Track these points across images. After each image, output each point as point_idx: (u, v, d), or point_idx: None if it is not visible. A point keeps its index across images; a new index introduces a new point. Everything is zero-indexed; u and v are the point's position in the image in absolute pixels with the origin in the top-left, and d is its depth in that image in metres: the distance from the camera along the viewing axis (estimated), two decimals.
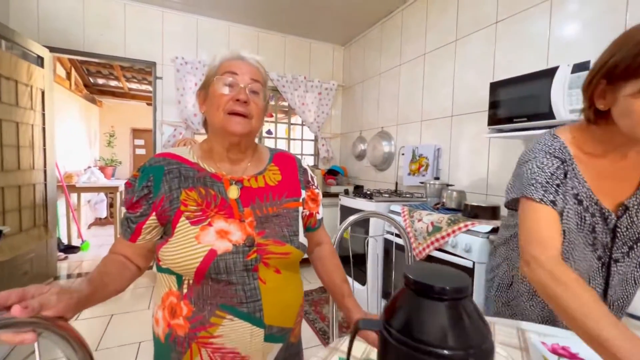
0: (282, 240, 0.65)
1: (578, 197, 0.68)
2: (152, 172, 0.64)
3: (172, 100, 2.99)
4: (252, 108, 0.66)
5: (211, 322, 0.59)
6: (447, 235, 1.55)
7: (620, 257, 0.71)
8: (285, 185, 0.73)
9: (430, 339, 0.24)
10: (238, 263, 0.60)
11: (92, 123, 5.26)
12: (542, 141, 0.72)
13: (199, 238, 0.60)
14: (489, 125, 1.61)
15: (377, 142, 2.98)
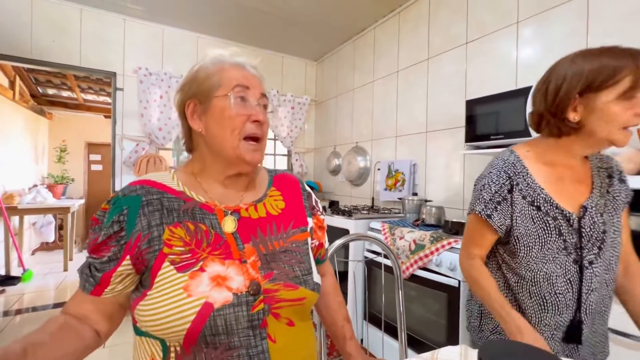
0: (295, 283, 0.53)
1: (535, 204, 0.74)
2: (126, 203, 0.51)
3: (134, 113, 2.78)
4: (264, 129, 0.57)
5: None
6: (431, 254, 1.52)
7: (593, 258, 0.72)
8: (290, 213, 0.61)
9: None
10: (241, 318, 0.48)
11: (40, 137, 4.78)
12: (499, 157, 0.81)
13: (189, 289, 0.47)
14: (466, 142, 1.64)
15: (352, 157, 2.96)
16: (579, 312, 0.71)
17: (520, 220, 0.74)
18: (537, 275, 0.73)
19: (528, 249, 0.74)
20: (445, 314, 1.45)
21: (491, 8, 1.83)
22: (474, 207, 0.79)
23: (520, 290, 0.77)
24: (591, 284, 0.71)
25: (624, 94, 0.63)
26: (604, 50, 0.67)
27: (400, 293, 1.13)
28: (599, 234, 0.72)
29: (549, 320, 0.73)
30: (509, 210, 0.75)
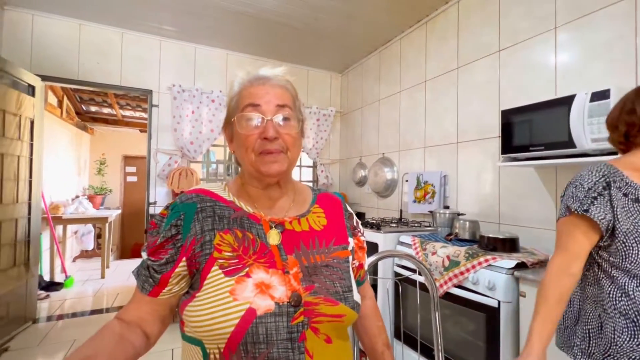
0: (335, 298, 0.53)
1: (638, 199, 0.74)
2: (183, 209, 0.54)
3: (167, 127, 2.91)
4: (285, 140, 0.56)
5: None
6: (467, 271, 1.45)
7: None
8: (333, 230, 0.62)
9: None
10: (281, 329, 0.48)
11: (83, 151, 5.12)
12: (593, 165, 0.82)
13: (235, 293, 0.48)
14: (502, 154, 1.56)
15: (379, 168, 2.92)
16: None
17: (625, 216, 0.73)
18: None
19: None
20: (484, 336, 1.37)
21: (525, 14, 1.76)
22: (569, 205, 0.79)
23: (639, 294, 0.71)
24: None
25: None
26: None
27: (437, 314, 1.08)
28: None
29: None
30: (608, 206, 0.75)
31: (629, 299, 0.72)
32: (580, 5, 1.52)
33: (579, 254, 0.78)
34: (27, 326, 2.44)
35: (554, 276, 0.80)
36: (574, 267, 0.78)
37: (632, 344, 0.71)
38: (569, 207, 0.79)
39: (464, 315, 1.48)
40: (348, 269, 0.59)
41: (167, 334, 0.60)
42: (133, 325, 0.52)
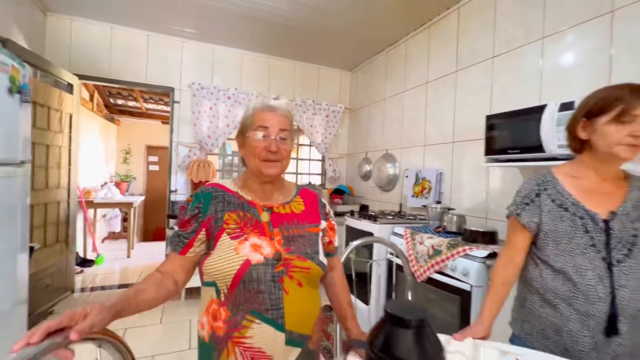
0: (305, 257, 0.77)
1: (563, 206, 0.88)
2: (203, 197, 0.79)
3: (187, 121, 3.18)
4: (282, 152, 0.80)
5: (243, 325, 0.70)
6: (447, 259, 1.63)
7: (622, 258, 0.82)
8: (308, 214, 0.86)
9: (401, 355, 0.35)
10: (267, 274, 0.72)
11: (110, 140, 5.51)
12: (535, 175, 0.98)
13: (237, 249, 0.72)
14: (485, 155, 1.72)
15: (382, 164, 3.09)
16: (613, 306, 0.81)
17: (549, 219, 0.89)
18: (566, 266, 0.86)
19: (556, 243, 0.88)
20: (459, 315, 1.55)
21: (518, 23, 1.88)
22: (508, 207, 0.98)
23: (553, 278, 0.89)
24: (621, 280, 0.81)
25: (615, 119, 0.81)
26: (613, 86, 0.86)
27: (410, 292, 1.28)
28: (630, 237, 0.82)
29: (579, 306, 0.84)
30: (537, 210, 0.91)
31: (541, 279, 0.91)
32: (565, 17, 1.63)
33: (521, 247, 0.96)
34: (66, 295, 2.80)
35: (501, 265, 0.99)
36: (517, 258, 0.97)
37: (539, 312, 0.91)
38: (509, 208, 0.98)
39: (443, 297, 1.67)
40: (317, 240, 0.83)
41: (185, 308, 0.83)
42: (167, 275, 0.75)
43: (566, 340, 0.86)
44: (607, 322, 0.81)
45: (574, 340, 0.85)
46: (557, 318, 0.87)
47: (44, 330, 0.48)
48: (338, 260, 0.95)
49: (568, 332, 0.85)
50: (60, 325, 0.50)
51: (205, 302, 0.77)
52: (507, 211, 0.99)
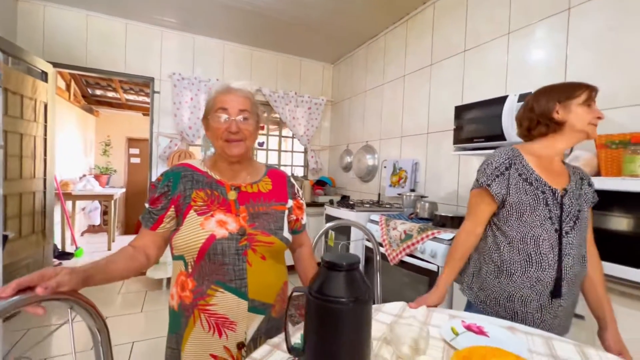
0: (268, 232, 0.81)
1: (528, 180, 0.95)
2: (172, 175, 0.82)
3: (168, 112, 3.16)
4: (244, 132, 0.83)
5: (208, 293, 0.75)
6: (417, 242, 1.72)
7: (569, 229, 0.92)
8: (275, 193, 0.90)
9: (334, 294, 0.41)
10: (232, 247, 0.76)
11: (89, 132, 5.38)
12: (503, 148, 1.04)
13: (203, 225, 0.77)
14: (454, 144, 1.81)
15: (362, 155, 3.17)
16: (559, 271, 0.91)
17: (515, 191, 0.95)
18: (526, 237, 0.94)
19: (520, 214, 0.95)
20: None
21: (487, 19, 1.97)
22: (477, 179, 1.01)
23: (509, 249, 0.96)
24: (567, 249, 0.92)
25: (585, 102, 0.93)
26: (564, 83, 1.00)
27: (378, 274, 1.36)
28: (575, 211, 0.93)
29: (532, 274, 0.93)
30: (505, 183, 0.96)
31: (498, 251, 0.99)
32: (528, 14, 1.73)
33: (483, 219, 1.02)
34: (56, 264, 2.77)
35: (463, 237, 1.05)
36: (478, 229, 1.04)
37: (495, 282, 0.99)
38: (478, 180, 1.02)
39: (413, 279, 1.76)
40: (282, 217, 0.88)
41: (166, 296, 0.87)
42: (139, 249, 0.80)
43: (517, 305, 0.95)
44: (554, 285, 0.91)
45: (523, 304, 0.94)
46: (511, 286, 0.95)
47: (15, 287, 0.52)
48: (307, 237, 1.00)
49: (519, 297, 0.94)
50: (31, 282, 0.54)
51: (175, 274, 0.81)
52: (476, 183, 1.02)
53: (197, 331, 0.76)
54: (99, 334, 0.64)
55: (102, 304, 2.51)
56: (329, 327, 0.40)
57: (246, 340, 0.77)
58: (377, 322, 0.82)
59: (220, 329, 0.75)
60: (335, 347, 0.40)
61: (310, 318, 0.42)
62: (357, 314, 0.41)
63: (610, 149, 1.20)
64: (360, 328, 0.41)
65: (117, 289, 2.93)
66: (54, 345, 1.99)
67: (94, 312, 0.63)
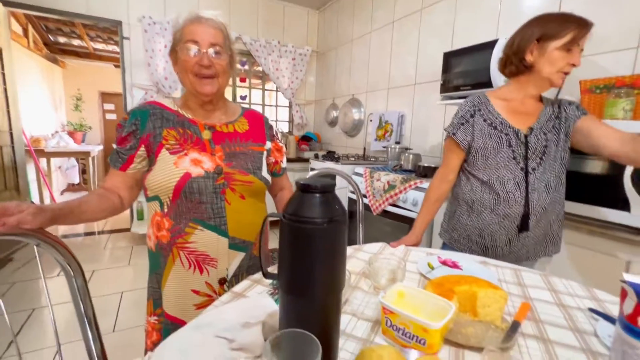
0: (246, 172, 0.79)
1: (493, 125, 0.98)
2: (139, 114, 0.77)
3: (141, 62, 2.93)
4: (216, 68, 0.76)
5: (186, 231, 0.74)
6: (400, 192, 1.75)
7: (536, 166, 0.96)
8: (252, 133, 0.86)
9: (307, 214, 0.40)
10: (208, 186, 0.74)
11: (56, 85, 5.00)
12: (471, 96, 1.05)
13: (177, 164, 0.73)
14: (441, 93, 1.77)
15: (348, 109, 3.09)
16: (526, 207, 0.96)
17: (480, 137, 0.99)
18: (492, 178, 0.99)
19: (485, 158, 0.99)
20: None
21: None
22: (445, 129, 1.07)
23: (479, 190, 1.02)
24: (535, 185, 0.96)
25: (565, 46, 0.87)
26: (560, 14, 0.92)
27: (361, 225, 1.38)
28: (542, 147, 0.96)
29: (499, 211, 0.99)
30: (470, 129, 1.00)
31: (471, 192, 1.04)
32: None
33: (454, 167, 1.08)
34: (24, 244, 2.73)
35: (436, 183, 1.12)
36: (450, 176, 1.09)
37: (467, 220, 1.05)
38: (446, 130, 1.07)
39: (395, 227, 1.82)
40: (260, 158, 0.85)
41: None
42: (110, 190, 0.76)
43: (487, 240, 1.01)
44: (520, 220, 0.96)
45: (493, 239, 1.01)
46: (481, 223, 1.02)
47: None
48: (287, 180, 0.99)
49: (489, 233, 1.01)
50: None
51: (151, 216, 0.79)
52: (446, 133, 1.08)
53: (177, 269, 0.76)
54: (72, 274, 0.62)
55: (89, 260, 2.52)
56: (303, 248, 0.40)
57: (228, 277, 0.78)
58: (358, 260, 0.85)
59: (200, 266, 0.76)
60: (310, 269, 0.40)
61: (284, 241, 0.41)
62: (332, 234, 0.40)
63: (594, 94, 1.19)
64: (335, 250, 0.41)
65: (103, 244, 2.93)
66: (43, 296, 2.01)
67: (65, 251, 0.61)
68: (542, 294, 0.69)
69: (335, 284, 0.42)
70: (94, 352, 0.69)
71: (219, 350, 0.47)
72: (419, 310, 0.52)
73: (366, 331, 0.55)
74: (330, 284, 0.41)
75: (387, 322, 0.51)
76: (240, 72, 3.56)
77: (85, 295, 0.68)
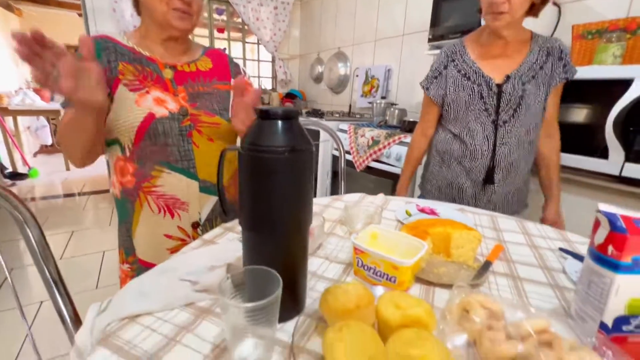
0: (212, 113, 0.74)
1: (466, 75, 0.95)
2: None
3: (105, 8, 2.65)
4: (194, 6, 0.69)
5: (152, 174, 0.70)
6: (384, 147, 1.72)
7: (507, 118, 0.93)
8: (216, 72, 0.80)
9: (267, 143, 0.35)
10: (174, 128, 0.70)
11: None
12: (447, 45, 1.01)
13: (139, 102, 0.67)
14: (429, 42, 1.68)
15: (334, 63, 2.94)
16: (492, 160, 0.95)
17: (453, 90, 0.96)
18: (462, 131, 0.98)
19: (456, 112, 0.98)
20: None
21: None
22: (421, 83, 1.05)
23: (451, 142, 1.01)
24: (504, 139, 0.93)
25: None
26: None
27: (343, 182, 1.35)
28: (517, 98, 0.90)
29: (466, 163, 0.99)
30: (443, 83, 0.98)
31: (444, 143, 1.04)
32: None
33: (431, 121, 1.08)
34: None
35: (416, 139, 1.12)
36: (429, 131, 1.10)
37: (438, 171, 1.06)
38: (421, 84, 1.05)
39: (379, 183, 1.81)
40: (227, 98, 0.79)
41: None
42: None
43: (454, 192, 1.03)
44: (486, 174, 0.96)
45: (459, 191, 1.02)
46: (450, 174, 1.03)
47: None
48: None
49: (456, 185, 1.02)
50: None
51: (112, 162, 0.74)
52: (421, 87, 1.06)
53: (146, 214, 0.72)
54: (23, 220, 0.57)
55: (69, 222, 2.46)
56: (262, 181, 0.36)
57: (201, 220, 0.76)
58: (335, 209, 0.83)
59: (171, 210, 0.72)
60: (271, 203, 0.37)
61: (243, 175, 0.38)
62: (294, 165, 0.37)
63: (585, 40, 1.14)
64: (299, 183, 0.37)
65: (83, 205, 2.86)
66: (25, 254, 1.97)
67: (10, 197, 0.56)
68: (515, 237, 0.70)
69: (300, 220, 0.39)
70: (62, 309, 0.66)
71: (183, 292, 0.45)
72: (392, 250, 0.51)
73: (338, 273, 0.54)
74: (294, 219, 0.38)
75: (359, 262, 0.50)
76: (218, 22, 3.30)
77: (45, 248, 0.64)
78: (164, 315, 0.41)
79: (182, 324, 0.40)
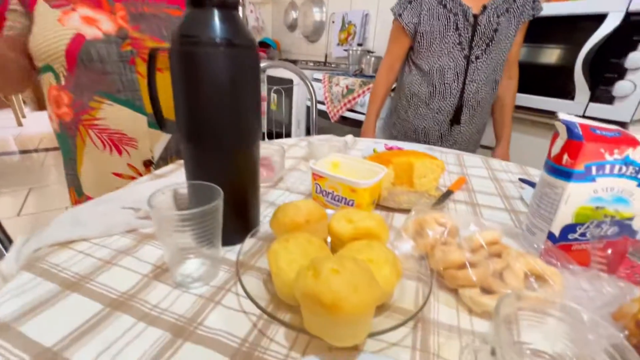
0: (160, 38, 0.65)
1: (442, 3, 0.89)
2: None
3: None
4: None
5: (91, 106, 0.63)
6: (358, 96, 1.67)
7: (480, 54, 0.90)
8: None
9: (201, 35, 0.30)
10: (112, 53, 0.61)
11: None
12: None
13: (62, 21, 0.58)
14: None
15: (308, 8, 2.73)
16: (461, 99, 0.92)
17: (427, 18, 0.90)
18: (432, 68, 0.93)
19: (429, 44, 0.91)
20: None
21: None
22: (392, 9, 0.97)
23: (419, 83, 0.97)
24: (474, 76, 0.91)
25: None
26: None
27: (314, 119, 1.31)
28: (491, 31, 0.87)
29: (434, 104, 0.95)
30: (418, 9, 0.91)
31: (411, 84, 0.99)
32: None
33: (400, 54, 1.01)
34: None
35: (383, 74, 1.05)
36: (396, 65, 1.03)
37: (405, 115, 1.03)
38: (392, 10, 0.96)
39: (353, 134, 1.78)
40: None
41: None
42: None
43: (420, 136, 1.02)
44: (454, 113, 0.94)
45: (425, 135, 1.01)
46: (416, 118, 1.00)
47: None
48: None
49: (422, 129, 1.00)
50: None
51: (46, 91, 0.65)
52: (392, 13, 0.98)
53: (90, 150, 0.66)
54: None
55: (27, 180, 2.28)
56: (196, 81, 0.32)
57: (154, 159, 0.70)
58: (300, 148, 0.80)
59: (117, 146, 0.66)
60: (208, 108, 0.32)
61: (175, 76, 0.33)
62: (234, 63, 0.32)
63: None
64: (240, 85, 0.33)
65: (41, 162, 2.66)
66: None
67: None
68: (479, 171, 0.70)
69: (244, 129, 0.35)
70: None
71: (122, 219, 0.41)
72: (352, 176, 0.49)
73: None
74: (236, 128, 0.34)
75: (317, 189, 0.48)
76: None
77: None
78: (101, 241, 0.38)
79: (121, 248, 0.37)
